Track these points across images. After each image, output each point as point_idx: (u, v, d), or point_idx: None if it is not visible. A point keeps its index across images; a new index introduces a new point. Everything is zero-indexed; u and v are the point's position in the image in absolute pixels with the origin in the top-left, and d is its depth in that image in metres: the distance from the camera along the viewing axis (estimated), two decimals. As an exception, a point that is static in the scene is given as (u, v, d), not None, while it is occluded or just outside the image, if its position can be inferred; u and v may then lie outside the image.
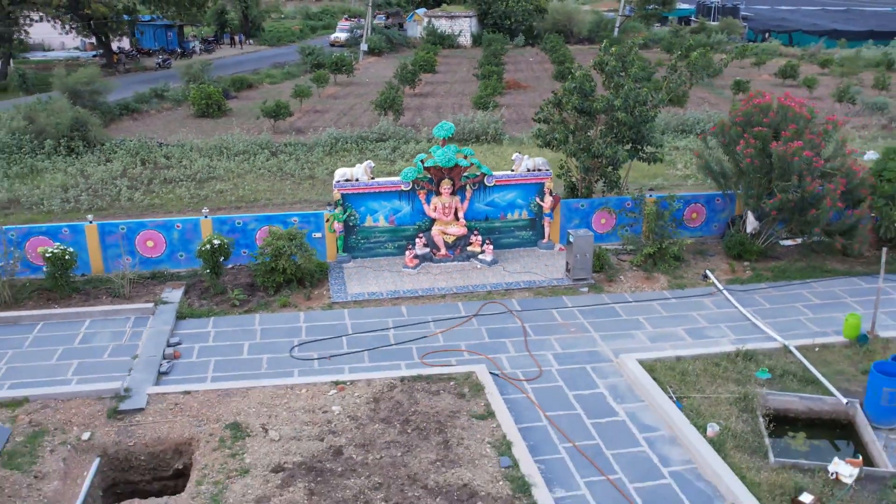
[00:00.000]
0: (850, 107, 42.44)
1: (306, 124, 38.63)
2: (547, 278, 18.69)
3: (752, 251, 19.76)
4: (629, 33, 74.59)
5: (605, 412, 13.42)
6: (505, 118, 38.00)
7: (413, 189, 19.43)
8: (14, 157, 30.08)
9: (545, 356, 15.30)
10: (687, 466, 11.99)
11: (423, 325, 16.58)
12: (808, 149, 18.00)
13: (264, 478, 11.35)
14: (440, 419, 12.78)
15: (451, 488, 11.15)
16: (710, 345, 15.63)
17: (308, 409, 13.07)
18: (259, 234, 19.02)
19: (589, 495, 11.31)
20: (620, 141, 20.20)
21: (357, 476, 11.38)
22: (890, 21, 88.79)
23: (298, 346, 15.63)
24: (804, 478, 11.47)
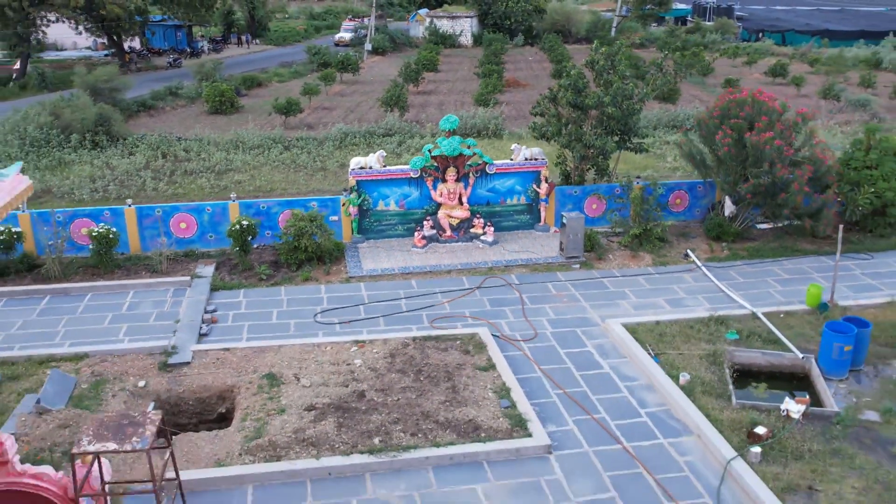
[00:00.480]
0: (835, 103, 44.33)
1: (316, 120, 40.58)
2: (542, 256, 20.65)
3: (730, 233, 21.71)
4: (626, 33, 76.61)
5: (592, 366, 15.37)
6: (505, 114, 39.89)
7: (421, 176, 21.37)
8: (43, 150, 32.01)
9: (540, 321, 17.26)
10: (661, 408, 13.94)
11: (432, 295, 18.54)
12: (778, 138, 19.93)
13: (299, 415, 13.31)
14: (448, 370, 14.74)
15: (458, 422, 13.10)
16: (687, 312, 17.58)
17: (333, 363, 15.02)
18: (281, 217, 20.95)
19: (576, 430, 13.26)
20: (610, 133, 22.15)
21: (378, 413, 13.33)
22: (881, 21, 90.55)
23: (321, 312, 17.59)
24: (760, 415, 13.42)
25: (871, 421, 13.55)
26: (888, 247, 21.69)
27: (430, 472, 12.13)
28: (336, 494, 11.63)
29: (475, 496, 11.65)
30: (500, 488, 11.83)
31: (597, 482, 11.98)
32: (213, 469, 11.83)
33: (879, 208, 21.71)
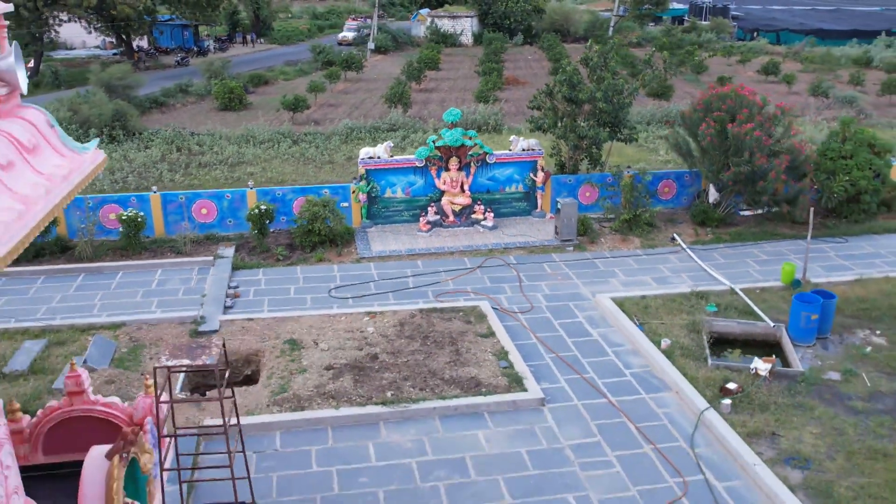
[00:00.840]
0: (824, 100, 45.87)
1: (322, 116, 42.14)
2: (539, 240, 22.20)
3: (714, 218, 23.26)
4: (623, 33, 78.13)
5: (583, 334, 16.92)
6: (504, 111, 41.43)
7: (426, 165, 22.91)
8: (63, 144, 33.50)
9: (536, 296, 18.80)
10: (644, 369, 15.49)
11: (436, 274, 20.08)
12: (758, 130, 21.47)
13: (319, 374, 14.85)
14: (452, 336, 16.29)
15: (461, 379, 14.65)
16: (671, 288, 19.12)
17: (348, 330, 16.57)
18: (296, 203, 22.48)
19: (567, 387, 14.81)
20: (601, 125, 23.69)
21: (390, 371, 14.88)
22: (874, 21, 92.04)
23: (335, 288, 19.13)
24: (732, 374, 14.97)
25: (832, 380, 15.09)
26: (861, 231, 23.23)
27: (437, 420, 13.68)
28: (354, 439, 13.17)
29: (477, 440, 13.19)
30: (498, 434, 13.37)
31: (584, 429, 13.53)
32: (245, 417, 13.36)
33: (854, 195, 23.22)
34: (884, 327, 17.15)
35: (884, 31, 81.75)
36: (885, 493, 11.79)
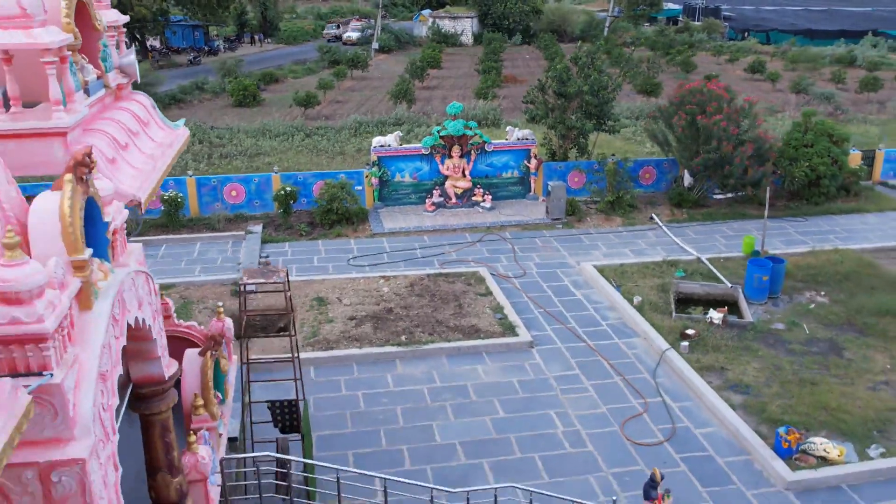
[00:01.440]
0: (804, 97, 48.64)
1: (331, 112, 44.89)
2: (531, 218, 24.98)
3: (689, 200, 26.02)
4: (618, 33, 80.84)
5: (567, 294, 19.70)
6: (502, 107, 44.17)
7: (431, 153, 25.68)
8: (94, 136, 36.29)
9: (528, 265, 21.59)
10: (618, 321, 18.27)
11: (441, 247, 22.86)
12: (725, 121, 24.23)
13: (343, 322, 17.64)
14: (455, 295, 19.07)
15: (464, 327, 17.43)
16: (646, 258, 21.89)
17: (366, 290, 19.35)
18: (315, 186, 25.23)
19: (552, 334, 17.60)
20: (588, 116, 26.46)
21: (403, 321, 17.67)
22: (863, 21, 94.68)
23: (353, 258, 21.91)
24: (692, 324, 17.74)
25: (777, 329, 17.86)
26: (820, 212, 26.00)
27: (444, 358, 16.46)
28: (375, 372, 15.95)
29: (476, 373, 15.97)
30: (494, 368, 16.16)
31: (565, 364, 16.31)
32: (283, 355, 16.10)
33: (814, 180, 25.97)
34: (827, 289, 19.92)
35: (870, 31, 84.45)
36: (807, 411, 14.56)
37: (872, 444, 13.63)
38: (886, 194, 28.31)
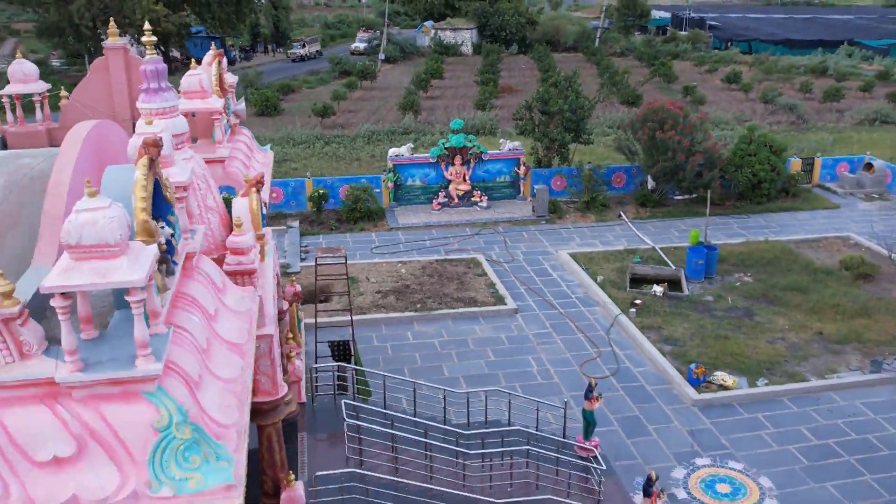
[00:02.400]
0: (771, 106, 53.93)
1: (345, 121, 50.13)
2: (520, 216, 30.23)
3: (652, 201, 31.26)
4: (609, 43, 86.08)
5: (546, 275, 24.97)
6: (499, 116, 49.39)
7: (437, 161, 30.91)
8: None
9: (516, 252, 26.86)
10: (584, 294, 23.55)
11: (446, 238, 28.13)
12: (678, 136, 29.47)
13: (372, 295, 22.90)
14: (458, 275, 24.35)
15: (464, 298, 22.70)
16: (611, 247, 27.16)
17: (388, 272, 24.62)
18: (342, 189, 30.47)
19: (532, 304, 22.87)
20: (567, 131, 31.71)
21: (417, 294, 22.94)
22: (841, 31, 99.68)
23: (375, 247, 27.18)
24: (640, 295, 23.00)
25: (707, 300, 23.11)
26: (761, 210, 31.24)
27: (449, 321, 21.73)
28: (398, 330, 21.20)
29: (474, 331, 21.24)
30: (487, 327, 21.43)
31: (541, 325, 21.59)
32: (329, 319, 21.36)
33: (756, 184, 31.23)
34: (753, 271, 25.17)
35: (846, 41, 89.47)
36: (717, 356, 19.78)
37: (761, 378, 18.90)
38: (821, 195, 33.58)
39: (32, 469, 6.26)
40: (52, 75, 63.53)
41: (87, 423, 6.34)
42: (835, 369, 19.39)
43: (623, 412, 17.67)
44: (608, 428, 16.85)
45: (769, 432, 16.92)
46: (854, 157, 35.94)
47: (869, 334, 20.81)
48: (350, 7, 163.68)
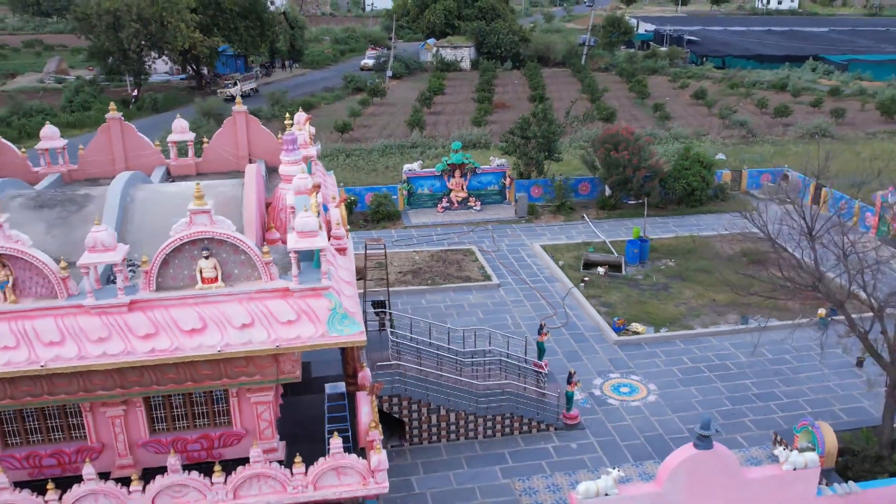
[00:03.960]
0: (726, 122, 62.73)
1: (360, 136, 58.95)
2: (505, 217, 39.05)
3: (609, 205, 40.05)
4: (594, 59, 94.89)
5: (522, 260, 33.82)
6: (492, 132, 58.21)
7: (441, 174, 39.70)
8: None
9: (501, 244, 35.70)
10: (549, 274, 32.41)
11: (448, 234, 36.96)
12: (629, 154, 38.23)
13: (396, 275, 31.73)
14: (457, 260, 33.22)
15: (461, 276, 31.58)
16: (573, 240, 35.98)
17: (406, 258, 33.47)
18: (367, 196, 39.22)
19: (511, 281, 31.73)
20: (541, 151, 40.52)
21: (428, 273, 31.80)
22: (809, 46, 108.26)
23: (395, 241, 36.00)
24: (589, 275, 31.84)
25: (637, 278, 31.94)
26: (694, 212, 40.02)
27: (451, 291, 30.58)
28: (414, 298, 30.01)
29: (468, 298, 30.08)
30: (478, 296, 30.27)
31: (516, 295, 30.44)
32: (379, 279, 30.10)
33: (690, 192, 39.99)
34: (676, 258, 33.97)
35: (811, 57, 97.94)
36: (636, 314, 28.58)
37: (663, 328, 27.71)
38: (746, 200, 42.33)
39: (281, 325, 15.07)
40: (101, 93, 72.59)
41: (301, 306, 15.17)
42: (717, 323, 28.25)
43: (567, 348, 26.49)
44: (556, 357, 25.65)
45: (661, 360, 25.78)
46: (774, 170, 44.79)
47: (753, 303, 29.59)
48: (356, 17, 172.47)
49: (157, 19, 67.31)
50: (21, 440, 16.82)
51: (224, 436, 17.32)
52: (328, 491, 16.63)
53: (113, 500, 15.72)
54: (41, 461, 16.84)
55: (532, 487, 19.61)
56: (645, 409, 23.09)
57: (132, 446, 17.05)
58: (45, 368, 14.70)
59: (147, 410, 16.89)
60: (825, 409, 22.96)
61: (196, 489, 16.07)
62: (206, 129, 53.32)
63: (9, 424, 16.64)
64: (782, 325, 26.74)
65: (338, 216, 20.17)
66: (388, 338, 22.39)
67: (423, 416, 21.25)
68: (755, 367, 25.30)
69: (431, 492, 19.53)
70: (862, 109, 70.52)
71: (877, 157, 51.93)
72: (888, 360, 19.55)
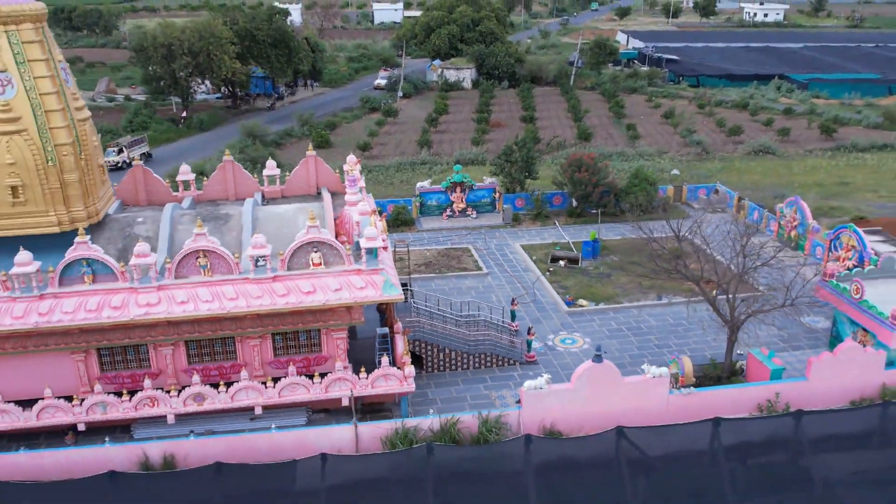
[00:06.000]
0: (684, 140, 74.42)
1: (378, 153, 70.83)
2: (495, 223, 50.92)
3: (576, 214, 51.84)
4: (581, 79, 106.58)
5: (506, 256, 45.70)
6: (488, 150, 69.99)
7: (446, 190, 51.52)
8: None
9: (491, 244, 47.58)
10: (525, 266, 44.27)
11: (451, 236, 48.83)
12: (589, 174, 49.97)
13: (414, 265, 43.58)
14: (458, 255, 45.13)
15: (461, 267, 43.47)
16: (545, 241, 47.81)
17: (420, 255, 45.35)
18: (389, 207, 50.98)
19: (497, 270, 43.62)
20: (522, 171, 52.31)
21: (437, 265, 43.70)
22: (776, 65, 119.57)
23: (411, 241, 47.85)
24: (554, 266, 43.67)
25: (589, 269, 43.77)
26: (641, 220, 51.69)
27: (453, 278, 42.47)
28: (428, 283, 41.84)
29: (465, 282, 41.96)
30: (473, 281, 42.17)
31: (500, 280, 42.31)
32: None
33: (638, 204, 51.70)
34: (620, 254, 45.74)
35: (776, 76, 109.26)
36: (585, 294, 40.41)
37: (602, 303, 39.53)
38: (684, 210, 54.05)
39: (356, 290, 26.93)
40: (154, 114, 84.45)
41: (367, 279, 27.06)
42: (639, 299, 40.02)
43: (532, 315, 38.25)
44: (524, 321, 37.36)
45: (596, 323, 37.57)
46: (709, 185, 56.56)
47: (668, 286, 41.37)
48: (366, 30, 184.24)
49: (204, 52, 79.20)
50: (199, 359, 28.77)
51: (317, 358, 29.24)
52: (379, 388, 28.57)
53: (256, 391, 27.69)
54: (210, 372, 28.77)
55: (502, 395, 31.43)
56: (580, 354, 34.81)
57: (263, 364, 28.97)
58: (228, 313, 26.61)
59: (273, 341, 28.81)
60: (698, 353, 34.69)
61: (304, 386, 28.04)
62: (253, 148, 65.46)
63: (193, 349, 28.57)
64: (681, 300, 38.52)
65: (382, 227, 31.99)
66: (411, 305, 34.15)
67: (434, 353, 33.05)
68: (659, 329, 37.11)
69: (440, 398, 31.33)
70: (808, 128, 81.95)
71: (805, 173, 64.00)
72: (727, 317, 31.36)
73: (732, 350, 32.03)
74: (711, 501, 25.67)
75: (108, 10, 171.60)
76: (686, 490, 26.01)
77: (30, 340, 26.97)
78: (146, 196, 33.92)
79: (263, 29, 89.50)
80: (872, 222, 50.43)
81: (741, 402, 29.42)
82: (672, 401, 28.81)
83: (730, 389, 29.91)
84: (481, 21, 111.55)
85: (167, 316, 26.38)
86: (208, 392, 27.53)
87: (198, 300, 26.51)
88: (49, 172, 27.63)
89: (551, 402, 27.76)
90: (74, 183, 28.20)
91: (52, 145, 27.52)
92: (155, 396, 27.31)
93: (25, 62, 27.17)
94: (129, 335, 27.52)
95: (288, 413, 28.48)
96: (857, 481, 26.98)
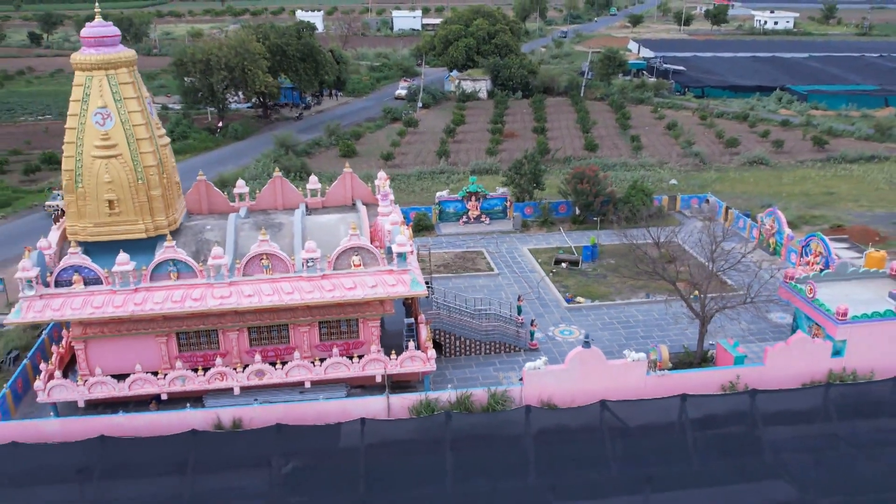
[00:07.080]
0: (683, 151, 79.97)
1: (400, 162, 76.96)
2: (506, 229, 56.94)
3: (579, 221, 57.75)
4: (591, 90, 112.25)
5: (515, 259, 51.72)
6: (501, 160, 75.90)
7: (462, 199, 57.56)
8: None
9: (502, 248, 53.60)
10: (531, 268, 50.27)
11: (467, 240, 54.88)
12: (590, 186, 55.86)
13: (434, 266, 49.70)
14: (472, 258, 51.21)
15: (475, 268, 49.55)
16: (551, 245, 53.77)
17: (440, 257, 51.46)
18: (411, 214, 57.05)
19: (507, 271, 49.66)
20: (531, 183, 58.28)
21: (453, 266, 49.82)
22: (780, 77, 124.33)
23: (432, 244, 53.92)
24: (557, 268, 49.65)
25: (588, 271, 49.69)
26: (640, 227, 57.59)
27: (468, 277, 48.55)
28: (446, 281, 47.92)
29: (479, 281, 48.01)
30: (486, 280, 48.22)
31: (509, 280, 48.35)
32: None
33: (635, 212, 57.47)
34: (616, 258, 51.60)
35: (778, 87, 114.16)
36: (583, 291, 46.38)
37: (597, 300, 45.47)
38: (677, 218, 59.78)
39: (389, 286, 33.06)
40: (193, 124, 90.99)
41: (398, 278, 33.20)
42: (630, 297, 45.91)
43: (536, 310, 44.23)
44: (529, 315, 43.29)
45: (591, 318, 43.51)
46: (700, 195, 62.30)
47: (655, 286, 47.18)
48: (386, 37, 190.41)
49: (239, 67, 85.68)
50: (259, 343, 35.01)
51: (355, 343, 35.41)
52: (406, 368, 34.72)
53: (306, 369, 33.90)
54: (268, 353, 35.00)
55: (508, 376, 37.46)
56: (576, 343, 40.70)
57: (311, 347, 35.18)
58: (285, 304, 32.81)
59: (319, 328, 34.99)
60: (676, 343, 40.49)
61: (345, 365, 34.24)
62: (286, 158, 71.87)
63: (254, 334, 34.81)
64: (667, 298, 44.36)
65: (408, 234, 38.11)
66: (432, 300, 40.24)
67: (452, 341, 39.13)
68: (645, 323, 42.99)
69: (456, 377, 37.38)
70: (803, 139, 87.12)
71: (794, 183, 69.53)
72: (699, 311, 37.23)
73: (703, 340, 37.87)
74: (678, 463, 31.55)
75: (139, 17, 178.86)
76: (658, 453, 31.90)
77: (124, 325, 33.30)
78: (208, 206, 40.14)
79: (293, 44, 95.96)
80: (847, 230, 56.19)
81: (707, 384, 35.25)
82: (649, 381, 34.70)
83: (699, 372, 35.79)
84: (497, 34, 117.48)
85: (236, 306, 32.62)
86: (267, 369, 33.75)
87: (261, 294, 32.74)
88: (139, 189, 33.90)
89: (548, 380, 33.74)
90: (158, 197, 34.47)
91: (142, 167, 33.81)
92: (224, 372, 33.56)
93: (121, 99, 33.46)
94: (203, 322, 33.79)
95: (331, 388, 34.63)
96: (800, 448, 32.81)
